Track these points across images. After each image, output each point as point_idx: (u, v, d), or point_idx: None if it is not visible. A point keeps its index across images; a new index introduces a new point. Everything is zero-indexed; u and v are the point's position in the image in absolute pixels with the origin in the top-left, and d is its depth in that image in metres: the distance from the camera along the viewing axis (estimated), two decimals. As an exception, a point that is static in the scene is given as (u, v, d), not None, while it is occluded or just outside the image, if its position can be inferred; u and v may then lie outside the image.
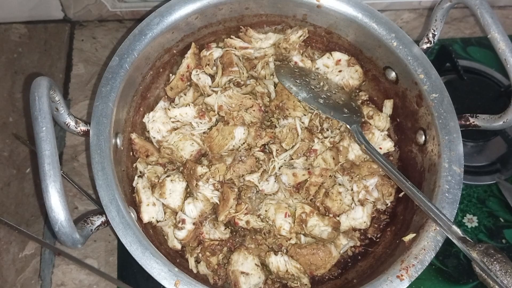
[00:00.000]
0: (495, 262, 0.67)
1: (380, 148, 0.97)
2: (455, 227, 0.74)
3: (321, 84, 0.98)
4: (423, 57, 0.91)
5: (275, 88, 0.99)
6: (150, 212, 0.88)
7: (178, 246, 0.90)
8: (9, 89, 1.15)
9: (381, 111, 1.01)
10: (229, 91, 0.95)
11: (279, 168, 0.92)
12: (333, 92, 0.98)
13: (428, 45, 0.93)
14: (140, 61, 0.89)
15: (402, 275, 0.74)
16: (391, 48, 0.92)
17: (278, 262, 0.85)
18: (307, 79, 0.98)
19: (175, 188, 0.89)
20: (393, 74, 0.96)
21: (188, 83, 1.01)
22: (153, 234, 0.89)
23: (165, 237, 0.91)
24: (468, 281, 1.00)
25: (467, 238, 0.72)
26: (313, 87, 0.97)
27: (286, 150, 0.93)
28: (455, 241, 0.73)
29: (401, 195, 0.94)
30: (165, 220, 0.91)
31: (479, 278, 0.70)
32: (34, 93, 0.68)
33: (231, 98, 0.95)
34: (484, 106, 1.12)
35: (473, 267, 0.71)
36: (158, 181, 0.90)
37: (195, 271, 0.88)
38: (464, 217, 1.07)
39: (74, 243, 0.66)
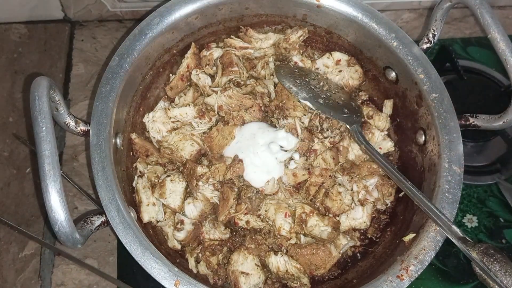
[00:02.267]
0: (495, 262, 0.67)
1: (380, 148, 0.97)
2: (454, 227, 0.74)
3: (321, 84, 0.98)
4: (423, 57, 0.91)
5: (275, 88, 0.99)
6: (150, 212, 0.88)
7: (178, 246, 0.90)
8: (9, 89, 1.15)
9: (381, 111, 1.01)
10: (229, 91, 0.95)
11: (279, 168, 0.92)
12: (333, 92, 0.98)
13: (428, 45, 0.93)
14: (140, 61, 0.89)
15: (402, 275, 0.74)
16: (391, 48, 0.92)
17: (278, 262, 0.85)
18: (307, 79, 0.98)
19: (175, 188, 0.89)
20: (393, 74, 0.96)
21: (188, 83, 1.01)
22: (153, 234, 0.89)
23: (165, 237, 0.91)
24: (468, 281, 1.00)
25: (467, 238, 0.72)
26: (313, 87, 0.97)
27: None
28: (454, 241, 0.73)
29: (401, 195, 0.94)
30: (165, 220, 0.91)
31: (479, 278, 0.70)
32: (34, 93, 0.68)
33: (231, 98, 0.95)
34: (484, 106, 1.12)
35: (473, 267, 0.71)
36: (158, 181, 0.90)
37: (195, 271, 0.88)
38: (464, 217, 1.07)
39: (74, 243, 0.66)
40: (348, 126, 0.94)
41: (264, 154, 0.91)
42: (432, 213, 0.76)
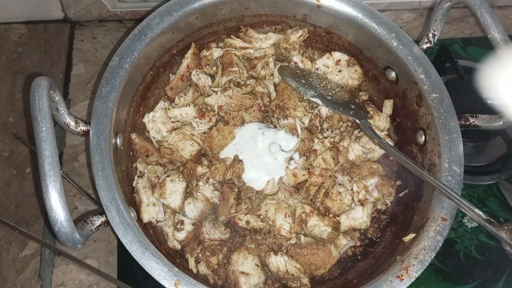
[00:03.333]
0: None
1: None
2: (477, 210, 0.74)
3: (324, 83, 0.98)
4: (423, 57, 0.91)
5: (275, 88, 0.99)
6: (150, 212, 0.88)
7: (178, 246, 0.90)
8: (9, 89, 1.15)
9: (381, 111, 1.01)
10: (229, 91, 0.95)
11: (279, 168, 0.92)
12: (336, 90, 0.98)
13: (428, 45, 0.93)
14: (140, 61, 0.89)
15: (402, 275, 0.74)
16: (391, 48, 0.92)
17: (278, 262, 0.85)
18: (309, 79, 0.98)
19: (175, 188, 0.89)
20: (393, 74, 0.96)
21: (188, 83, 1.01)
22: (153, 234, 0.89)
23: (165, 237, 0.91)
24: (468, 281, 1.00)
25: (491, 219, 0.72)
26: (317, 86, 0.97)
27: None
28: (482, 223, 0.73)
29: (401, 195, 0.94)
30: (165, 220, 0.91)
31: (510, 257, 0.71)
32: (34, 93, 0.68)
33: (231, 98, 0.95)
34: (484, 106, 1.12)
35: (504, 247, 0.72)
36: (158, 181, 0.90)
37: (195, 271, 0.88)
38: (464, 217, 1.07)
39: (74, 243, 0.66)
40: (358, 121, 0.94)
41: (264, 155, 0.91)
42: (455, 199, 0.76)
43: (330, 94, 0.97)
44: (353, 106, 0.96)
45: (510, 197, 1.07)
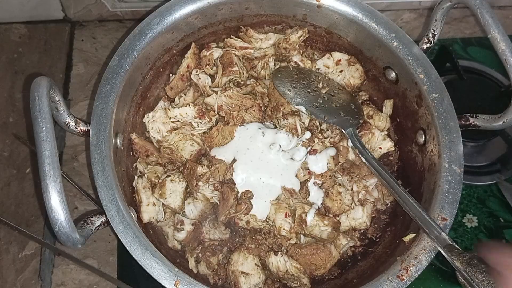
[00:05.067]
0: (478, 273, 0.66)
1: (380, 148, 0.97)
2: (444, 235, 0.73)
3: (320, 86, 0.98)
4: (423, 57, 0.91)
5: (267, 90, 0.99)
6: (150, 212, 0.88)
7: (178, 246, 0.90)
8: (9, 89, 1.15)
9: (381, 111, 1.01)
10: (229, 91, 0.95)
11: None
12: (332, 94, 0.98)
13: (428, 45, 0.93)
14: (140, 61, 0.89)
15: (402, 275, 0.74)
16: (391, 48, 0.92)
17: (278, 262, 0.85)
18: (305, 82, 0.97)
19: (175, 188, 0.89)
20: (393, 74, 0.96)
21: (188, 83, 1.01)
22: (153, 234, 0.89)
23: (165, 237, 0.91)
24: (468, 281, 1.00)
25: (455, 246, 0.71)
26: (309, 91, 0.96)
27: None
28: (440, 249, 0.73)
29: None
30: (165, 220, 0.91)
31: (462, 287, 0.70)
32: (34, 93, 0.68)
33: (231, 98, 0.95)
34: (484, 106, 1.12)
35: (457, 276, 0.70)
36: (158, 181, 0.90)
37: (195, 271, 0.88)
38: (464, 217, 1.07)
39: (74, 243, 0.66)
40: (343, 130, 0.93)
41: (263, 156, 0.91)
42: (422, 219, 0.76)
43: (321, 100, 0.95)
44: (342, 113, 0.95)
45: (510, 197, 1.07)
